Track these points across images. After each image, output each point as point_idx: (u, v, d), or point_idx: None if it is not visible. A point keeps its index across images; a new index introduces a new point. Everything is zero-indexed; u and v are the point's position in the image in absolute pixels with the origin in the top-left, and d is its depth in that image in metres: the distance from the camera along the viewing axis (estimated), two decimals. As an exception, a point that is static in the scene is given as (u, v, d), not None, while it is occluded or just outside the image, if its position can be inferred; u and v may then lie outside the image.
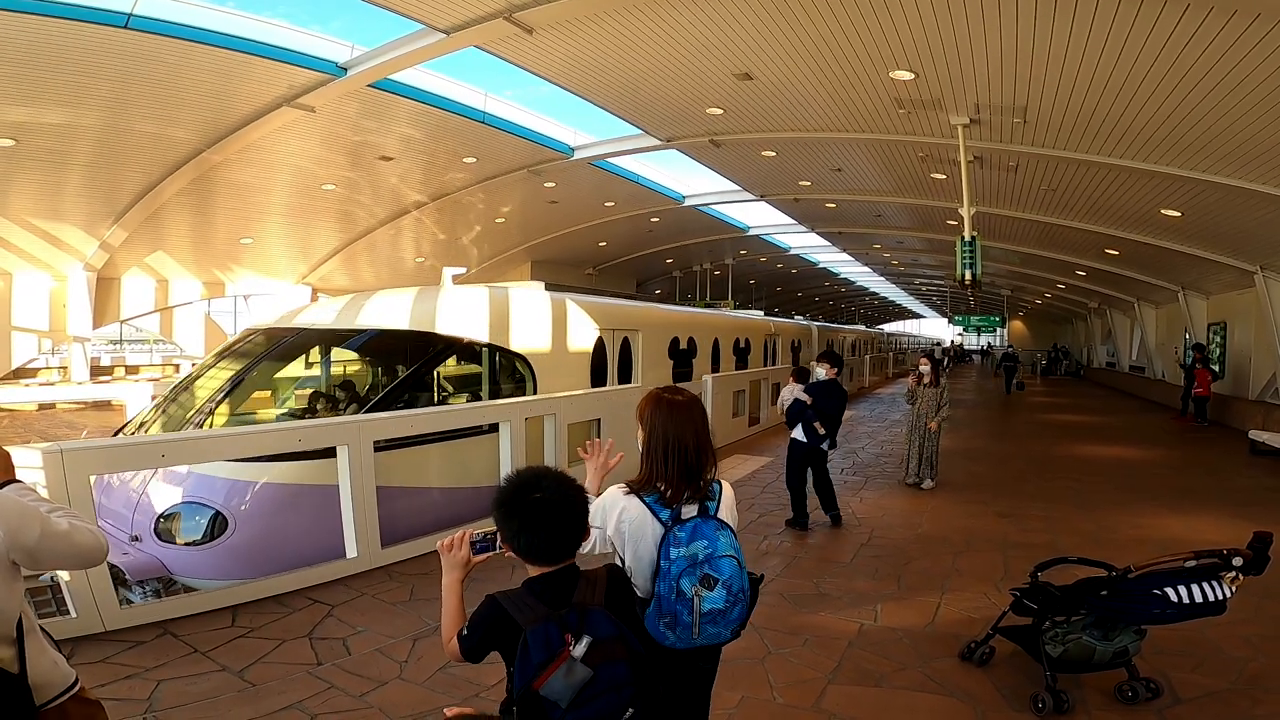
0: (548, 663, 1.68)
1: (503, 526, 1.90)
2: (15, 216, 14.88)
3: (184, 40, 9.79)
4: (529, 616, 1.75)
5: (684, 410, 2.36)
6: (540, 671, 1.67)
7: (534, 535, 1.85)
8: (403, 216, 18.73)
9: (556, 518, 1.86)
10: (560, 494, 1.87)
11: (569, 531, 1.89)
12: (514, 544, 1.88)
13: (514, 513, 1.87)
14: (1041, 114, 9.66)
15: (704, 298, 29.51)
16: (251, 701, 3.65)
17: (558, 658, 1.69)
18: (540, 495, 1.86)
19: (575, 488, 1.92)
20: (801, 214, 21.22)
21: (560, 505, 1.86)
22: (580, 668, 1.67)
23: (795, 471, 7.40)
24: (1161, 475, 10.55)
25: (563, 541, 1.89)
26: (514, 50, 9.71)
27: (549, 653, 1.69)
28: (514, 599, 1.83)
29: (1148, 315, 24.62)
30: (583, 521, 1.93)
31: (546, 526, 1.85)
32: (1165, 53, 7.21)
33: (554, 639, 1.71)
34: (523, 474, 1.93)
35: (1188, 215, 12.57)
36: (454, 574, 2.01)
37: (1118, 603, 3.63)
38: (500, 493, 1.91)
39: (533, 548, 1.87)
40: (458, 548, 1.99)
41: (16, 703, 1.69)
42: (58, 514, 1.88)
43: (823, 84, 10.08)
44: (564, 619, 1.75)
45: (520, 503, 1.87)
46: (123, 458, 4.64)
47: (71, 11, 8.89)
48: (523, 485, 1.90)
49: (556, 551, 1.89)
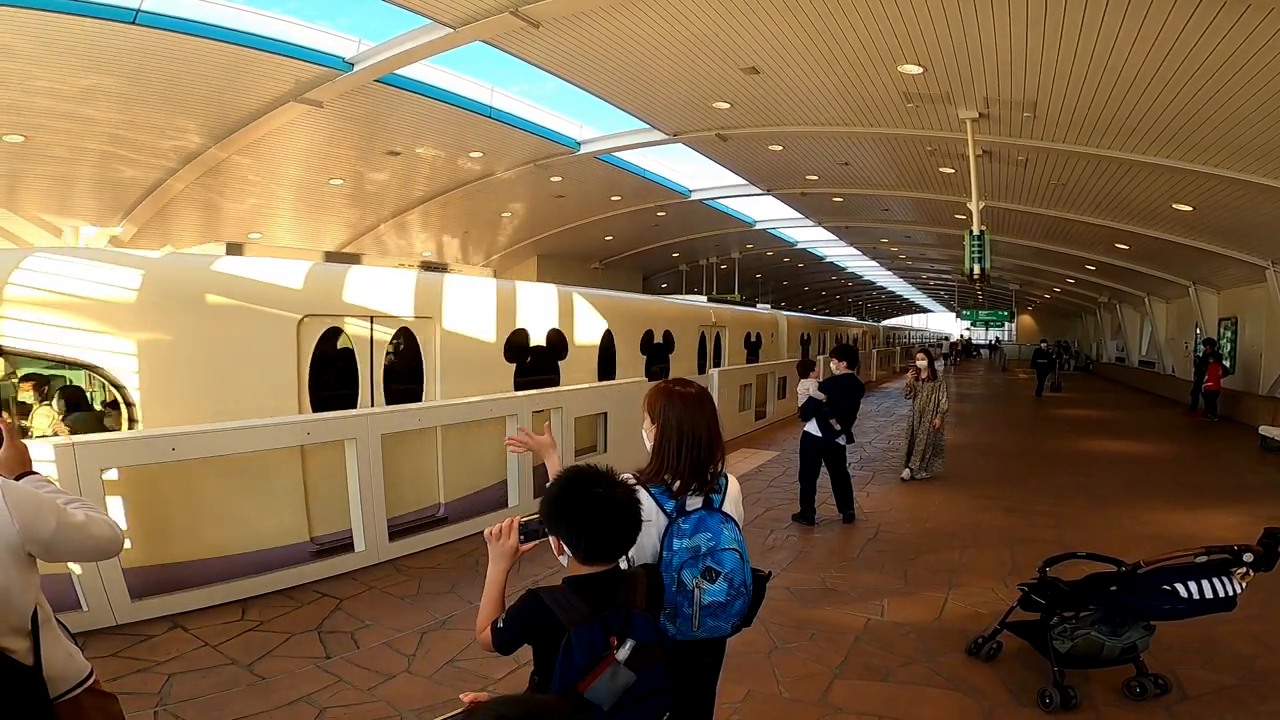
0: (592, 665, 1.65)
1: (554, 524, 1.85)
2: (26, 212, 14.96)
3: (191, 35, 9.80)
4: (573, 616, 1.71)
5: (695, 403, 2.36)
6: (585, 674, 1.64)
7: (589, 535, 1.81)
8: (409, 211, 18.75)
9: (614, 518, 1.81)
10: (617, 494, 1.83)
11: (625, 532, 1.84)
12: (568, 542, 1.83)
13: (567, 511, 1.82)
14: (1051, 108, 9.59)
15: (710, 292, 29.44)
16: (261, 695, 3.68)
17: (603, 661, 1.66)
18: (598, 493, 1.80)
19: (630, 488, 1.88)
20: (808, 208, 21.13)
21: (617, 505, 1.81)
22: (624, 671, 1.65)
23: (808, 466, 7.39)
24: (1171, 471, 10.49)
25: (618, 542, 1.85)
26: (520, 45, 9.68)
27: (593, 655, 1.66)
28: (557, 596, 1.78)
29: (1158, 310, 24.47)
30: (638, 523, 1.87)
31: (603, 526, 1.80)
32: (1178, 47, 7.14)
33: (597, 641, 1.68)
34: (577, 471, 1.88)
35: (1199, 210, 12.47)
36: (501, 564, 1.96)
37: (1127, 598, 3.62)
38: (553, 489, 1.86)
39: (586, 547, 1.82)
40: (506, 536, 1.93)
41: (32, 695, 1.68)
42: (74, 505, 1.87)
43: (830, 78, 10.02)
44: (607, 620, 1.71)
45: (574, 501, 1.81)
46: (134, 451, 4.67)
47: (79, 7, 8.90)
48: (577, 482, 1.84)
49: (610, 552, 1.85)
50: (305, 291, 6.44)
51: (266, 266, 6.31)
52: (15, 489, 1.75)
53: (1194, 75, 7.62)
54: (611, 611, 1.74)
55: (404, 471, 6.47)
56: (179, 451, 4.76)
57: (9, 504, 1.69)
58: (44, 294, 4.98)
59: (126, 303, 5.25)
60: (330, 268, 7.13)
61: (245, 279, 6.05)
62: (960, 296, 45.67)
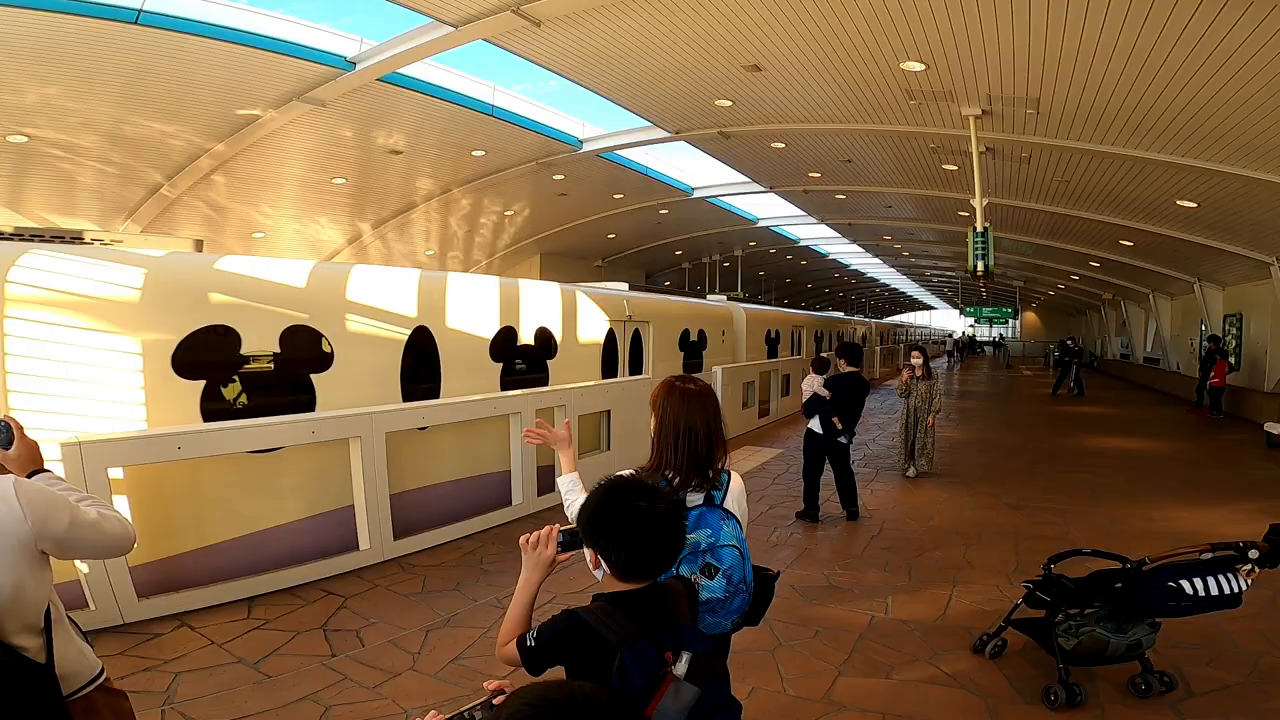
0: (653, 685, 1.54)
1: (594, 537, 1.73)
2: (30, 212, 15.01)
3: (194, 35, 9.82)
4: (621, 635, 1.59)
5: (696, 399, 2.36)
6: (648, 695, 1.53)
7: (629, 551, 1.69)
8: (412, 210, 18.77)
9: (656, 533, 1.69)
10: (664, 507, 1.71)
11: (667, 549, 1.73)
12: (607, 557, 1.71)
13: (606, 524, 1.70)
14: (1055, 105, 9.57)
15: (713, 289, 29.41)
16: (267, 693, 3.69)
17: (663, 679, 1.55)
18: (641, 506, 1.69)
19: (675, 501, 1.77)
20: (811, 205, 21.11)
21: (660, 520, 1.69)
22: (687, 687, 1.54)
23: (812, 464, 7.39)
24: (1176, 468, 10.47)
25: (659, 559, 1.72)
26: (522, 43, 9.69)
27: (650, 673, 1.55)
28: (600, 615, 1.65)
29: (1163, 307, 24.40)
30: (681, 539, 1.76)
31: (644, 542, 1.68)
32: (1182, 42, 7.12)
33: (650, 658, 1.57)
34: (618, 482, 1.77)
35: (1204, 206, 12.43)
36: (535, 574, 1.85)
37: (1133, 595, 3.61)
38: (591, 501, 1.75)
39: (626, 563, 1.70)
40: (543, 546, 1.82)
41: (44, 693, 1.68)
42: (86, 503, 1.87)
43: (833, 76, 10.01)
44: (657, 636, 1.61)
45: (614, 514, 1.70)
46: (140, 450, 4.68)
47: (82, 8, 8.92)
48: (617, 494, 1.72)
49: (650, 569, 1.72)
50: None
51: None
52: (28, 486, 1.75)
53: (1198, 71, 7.59)
54: (660, 627, 1.64)
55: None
56: (184, 450, 4.77)
57: (22, 501, 1.69)
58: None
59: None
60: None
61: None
62: (964, 293, 45.64)
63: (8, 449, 1.94)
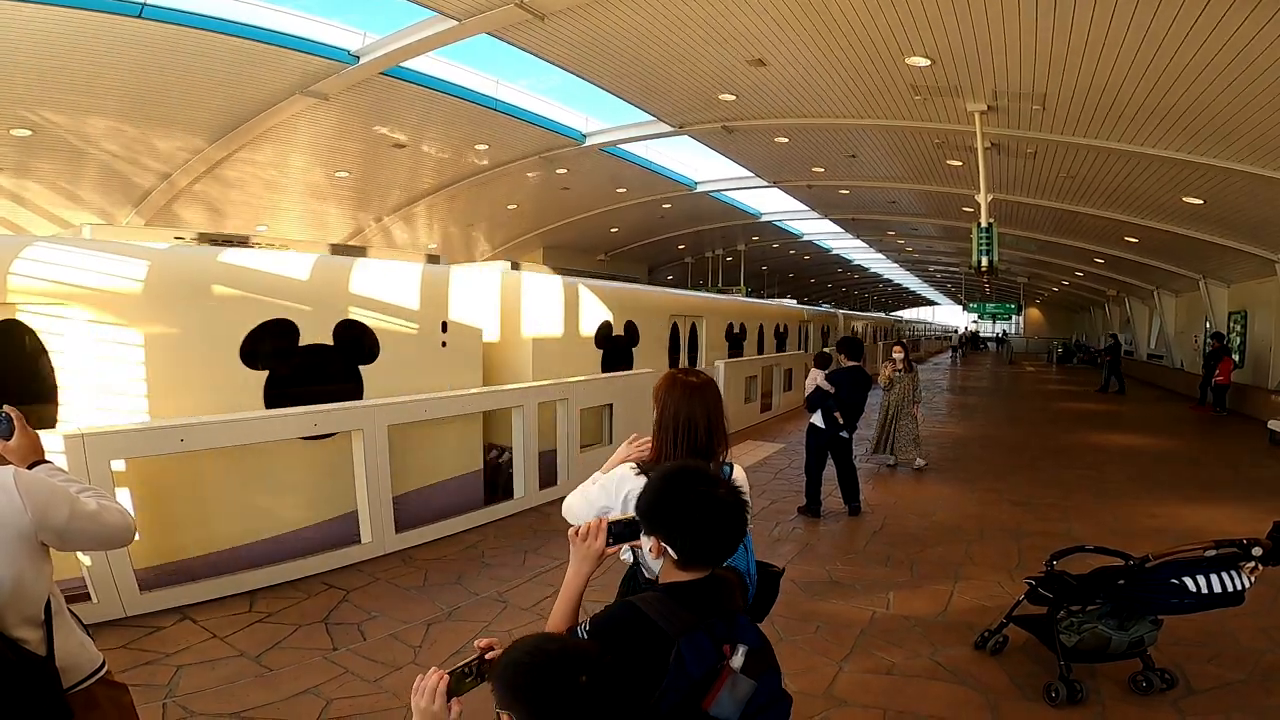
0: (711, 678, 1.52)
1: (654, 525, 1.68)
2: (34, 206, 15.03)
3: (197, 29, 9.82)
4: (678, 626, 1.56)
5: (697, 392, 2.34)
6: (706, 688, 1.51)
7: (694, 537, 1.64)
8: (416, 203, 18.76)
9: (720, 519, 1.64)
10: (732, 493, 1.67)
11: (732, 534, 1.68)
12: (671, 543, 1.65)
13: (669, 511, 1.65)
14: (1061, 101, 9.52)
15: (716, 284, 29.38)
16: (269, 686, 3.70)
17: (721, 672, 1.53)
18: (702, 491, 1.64)
19: (735, 488, 1.72)
20: (815, 200, 21.08)
21: (724, 505, 1.64)
22: (744, 680, 1.54)
23: (814, 459, 7.39)
24: (1179, 465, 10.44)
25: (724, 545, 1.68)
26: (525, 36, 9.66)
27: (706, 665, 1.53)
28: (656, 605, 1.62)
29: (1167, 303, 24.32)
30: (744, 525, 1.71)
31: (709, 528, 1.64)
32: (1190, 39, 7.08)
33: (707, 650, 1.55)
34: (679, 467, 1.73)
35: (1210, 203, 12.38)
36: (585, 567, 1.80)
37: (1135, 592, 3.60)
38: (653, 488, 1.70)
39: (690, 550, 1.65)
40: (594, 537, 1.78)
41: (44, 686, 1.67)
42: (87, 494, 1.86)
43: (837, 70, 9.97)
44: (713, 628, 1.59)
45: (677, 500, 1.64)
46: (143, 442, 4.68)
47: (86, 2, 8.92)
48: (679, 479, 1.67)
49: (715, 556, 1.69)
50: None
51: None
52: (28, 477, 1.74)
53: (1206, 68, 7.54)
54: (715, 618, 1.62)
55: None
56: (187, 443, 4.77)
57: (22, 492, 1.68)
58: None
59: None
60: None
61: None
62: (967, 289, 45.54)
63: (8, 440, 1.93)
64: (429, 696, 1.40)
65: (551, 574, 5.41)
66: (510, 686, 1.32)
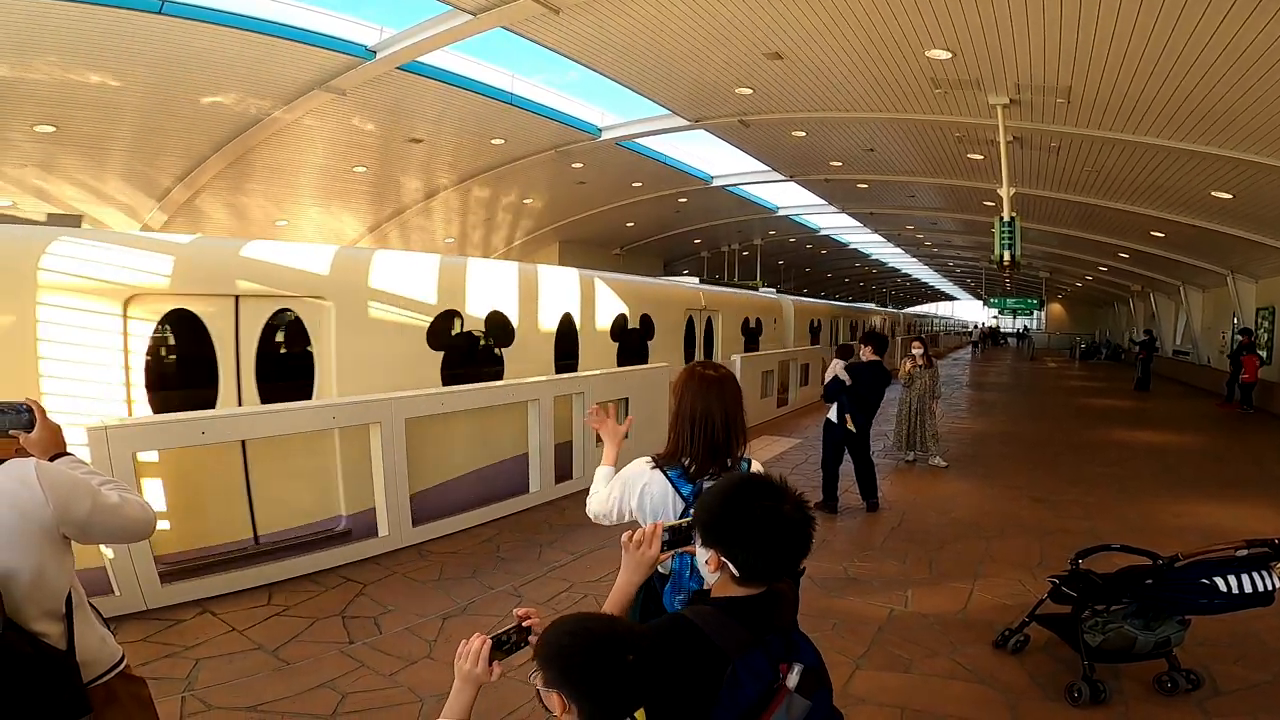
0: (766, 699, 1.47)
1: (713, 538, 1.60)
2: (59, 202, 15.23)
3: (215, 25, 9.88)
4: (734, 643, 1.50)
5: (715, 385, 2.31)
6: (761, 708, 1.46)
7: (760, 553, 1.56)
8: (432, 197, 18.83)
9: (783, 535, 1.56)
10: (798, 509, 1.58)
11: (795, 551, 1.59)
12: (732, 559, 1.58)
13: (730, 524, 1.57)
14: (1087, 94, 9.33)
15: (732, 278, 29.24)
16: (286, 680, 3.72)
17: (777, 693, 1.47)
18: (767, 505, 1.56)
19: (801, 501, 1.63)
20: (832, 194, 20.89)
21: (788, 521, 1.56)
22: (799, 700, 1.47)
23: (830, 454, 7.33)
24: (1204, 463, 10.26)
25: (786, 562, 1.60)
26: (541, 30, 9.62)
27: (762, 684, 1.48)
28: (711, 621, 1.55)
29: (1194, 299, 23.91)
30: (808, 541, 1.61)
31: (771, 544, 1.56)
32: (1221, 31, 6.90)
33: (763, 669, 1.49)
34: (742, 479, 1.68)
35: (1240, 198, 12.13)
36: (636, 575, 1.72)
37: (1164, 592, 3.54)
38: (714, 498, 1.64)
39: (754, 566, 1.57)
40: (648, 544, 1.71)
41: (65, 680, 1.66)
42: (108, 486, 1.85)
43: (855, 63, 9.85)
44: (770, 646, 1.53)
45: (739, 514, 1.57)
46: (166, 435, 4.74)
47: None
48: (743, 491, 1.61)
49: (775, 572, 1.61)
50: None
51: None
52: (50, 470, 1.73)
53: (1238, 60, 7.36)
54: (770, 635, 1.56)
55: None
56: (209, 435, 4.83)
57: (44, 485, 1.67)
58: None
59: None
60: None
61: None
62: (987, 284, 44.98)
63: (29, 432, 1.92)
64: (473, 660, 1.50)
65: (567, 569, 5.41)
66: (559, 667, 1.35)
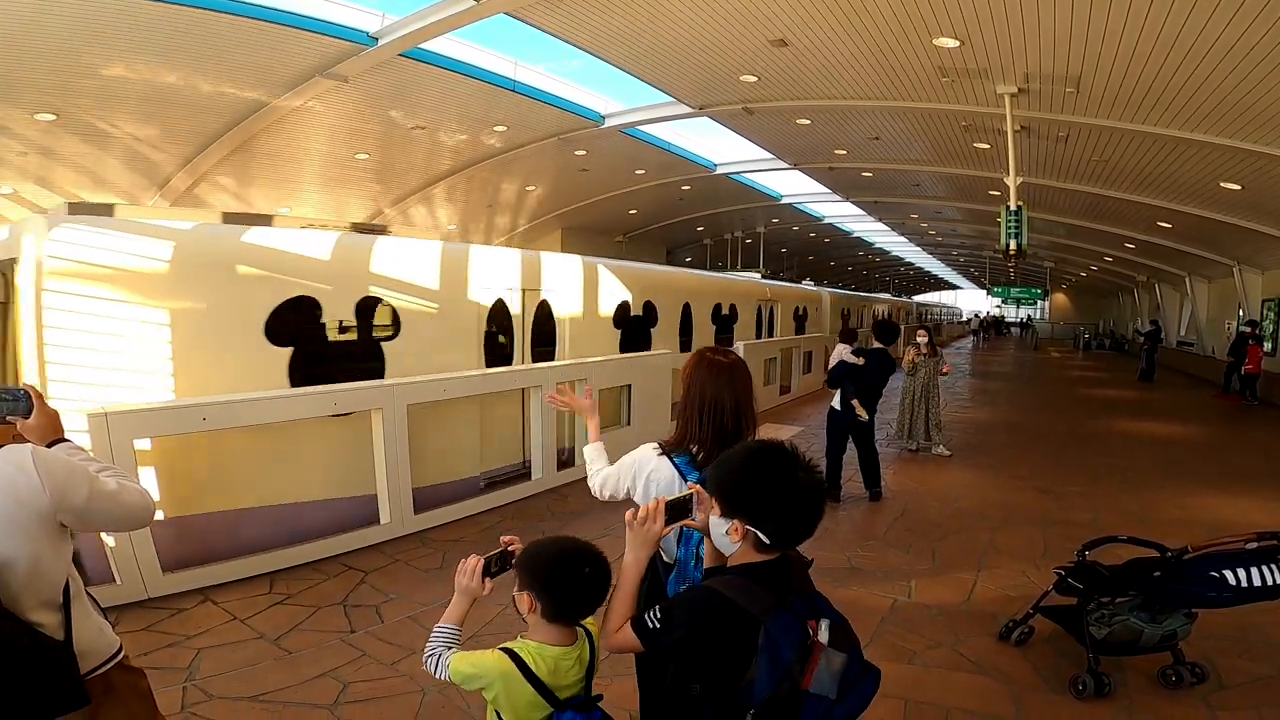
0: (804, 656, 1.51)
1: (736, 506, 1.64)
2: (60, 189, 15.20)
3: (217, 11, 9.80)
4: (762, 606, 1.54)
5: (725, 372, 2.27)
6: (803, 667, 1.49)
7: (789, 519, 1.62)
8: (435, 184, 18.76)
9: (801, 499, 1.62)
10: (799, 475, 1.63)
11: (813, 515, 1.64)
12: (761, 528, 1.62)
13: (752, 491, 1.62)
14: (1096, 84, 9.23)
15: (735, 265, 29.14)
16: (287, 669, 3.72)
17: (812, 649, 1.51)
18: (788, 472, 1.61)
19: (812, 467, 1.68)
20: (836, 183, 20.77)
21: (803, 487, 1.62)
22: (835, 653, 1.52)
23: (834, 442, 7.30)
24: (1209, 454, 10.23)
25: (805, 526, 1.64)
26: (543, 16, 9.53)
27: (797, 644, 1.51)
28: (736, 587, 1.59)
29: (1199, 290, 23.81)
30: (822, 505, 1.67)
31: (792, 508, 1.61)
32: (1235, 22, 6.82)
33: (795, 629, 1.53)
34: (759, 447, 1.70)
35: (1248, 189, 12.04)
36: (643, 552, 1.75)
37: (1172, 585, 3.50)
38: (731, 468, 1.68)
39: (779, 532, 1.62)
40: (654, 520, 1.73)
41: (63, 671, 1.63)
42: (106, 473, 1.82)
43: (861, 51, 9.74)
44: (795, 606, 1.57)
45: (760, 480, 1.62)
46: (166, 421, 4.72)
47: (107, -17, 8.93)
48: (760, 459, 1.65)
49: (796, 537, 1.66)
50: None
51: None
52: (47, 456, 1.70)
53: (1251, 51, 7.27)
54: (792, 596, 1.60)
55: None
56: (209, 421, 4.80)
57: (41, 472, 1.64)
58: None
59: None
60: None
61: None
62: (991, 273, 44.79)
63: (27, 418, 1.89)
64: (469, 575, 1.87)
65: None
66: (531, 572, 1.78)
